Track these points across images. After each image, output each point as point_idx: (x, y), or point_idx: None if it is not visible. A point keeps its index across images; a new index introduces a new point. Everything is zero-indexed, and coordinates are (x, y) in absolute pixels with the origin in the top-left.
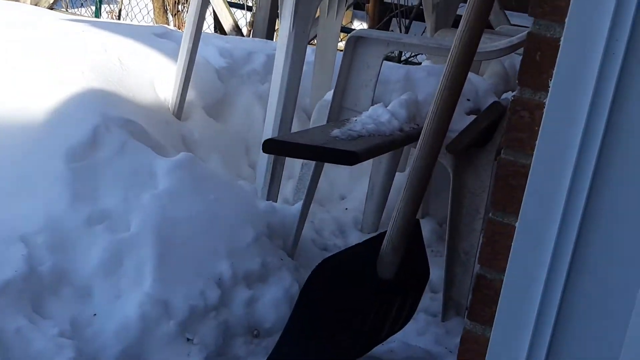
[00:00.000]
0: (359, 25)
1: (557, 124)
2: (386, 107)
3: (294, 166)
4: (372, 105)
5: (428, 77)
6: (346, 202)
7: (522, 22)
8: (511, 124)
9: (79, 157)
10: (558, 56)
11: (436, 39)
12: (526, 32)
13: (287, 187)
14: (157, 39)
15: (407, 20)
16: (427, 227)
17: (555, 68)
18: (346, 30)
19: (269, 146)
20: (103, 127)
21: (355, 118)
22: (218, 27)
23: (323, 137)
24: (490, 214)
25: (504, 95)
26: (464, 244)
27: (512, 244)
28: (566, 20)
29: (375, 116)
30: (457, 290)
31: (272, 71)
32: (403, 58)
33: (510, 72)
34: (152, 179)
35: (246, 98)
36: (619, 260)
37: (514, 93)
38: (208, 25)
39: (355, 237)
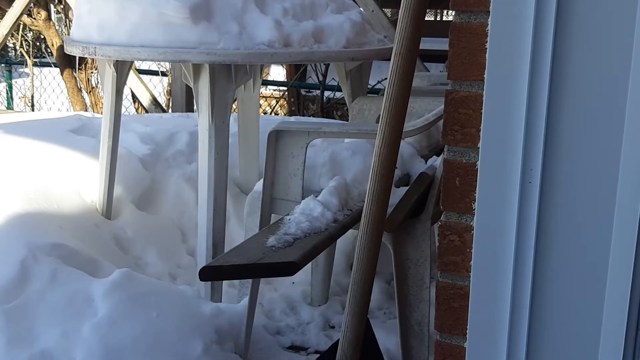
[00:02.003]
0: (276, 74)
1: (488, 246)
2: (317, 195)
3: (235, 240)
4: (303, 191)
5: (353, 156)
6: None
7: (432, 47)
8: (442, 249)
9: (9, 298)
10: (478, 183)
11: (355, 125)
12: (442, 107)
13: None
14: (74, 136)
15: (324, 67)
16: (376, 288)
17: (477, 194)
18: (264, 82)
19: (206, 274)
20: (30, 259)
21: (289, 216)
22: (135, 98)
23: (259, 250)
24: (437, 337)
25: (429, 162)
26: (415, 315)
27: None
28: (479, 149)
29: (307, 211)
30: None
31: (197, 149)
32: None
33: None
34: (89, 306)
35: (175, 182)
36: None
37: (439, 159)
38: (125, 95)
39: (306, 313)
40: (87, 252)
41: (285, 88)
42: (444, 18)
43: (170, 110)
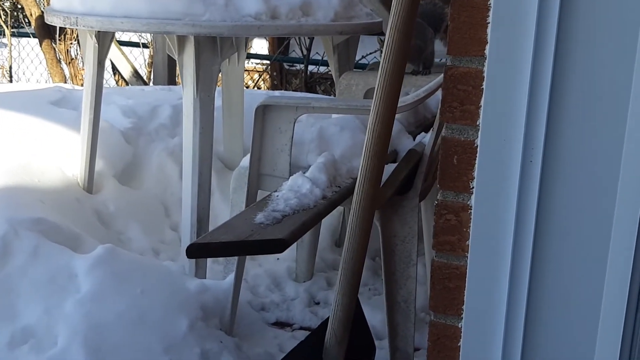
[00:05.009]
0: (259, 48)
1: (487, 226)
2: (305, 171)
3: (219, 215)
4: (290, 167)
5: (341, 131)
6: None
7: None
8: (438, 228)
9: None
10: (477, 161)
11: (345, 100)
12: (433, 83)
13: None
14: (55, 109)
15: (308, 41)
16: None
17: (476, 172)
18: (247, 55)
19: (193, 251)
20: (12, 234)
21: (276, 193)
22: (116, 69)
23: (247, 227)
24: (431, 317)
25: (418, 138)
26: (402, 292)
27: (461, 345)
28: (479, 127)
29: (296, 187)
30: (402, 340)
31: (180, 122)
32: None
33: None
34: (72, 282)
35: (157, 156)
36: None
37: (427, 135)
38: (105, 67)
39: (291, 289)
40: (69, 227)
41: (268, 62)
42: None
43: (151, 83)
